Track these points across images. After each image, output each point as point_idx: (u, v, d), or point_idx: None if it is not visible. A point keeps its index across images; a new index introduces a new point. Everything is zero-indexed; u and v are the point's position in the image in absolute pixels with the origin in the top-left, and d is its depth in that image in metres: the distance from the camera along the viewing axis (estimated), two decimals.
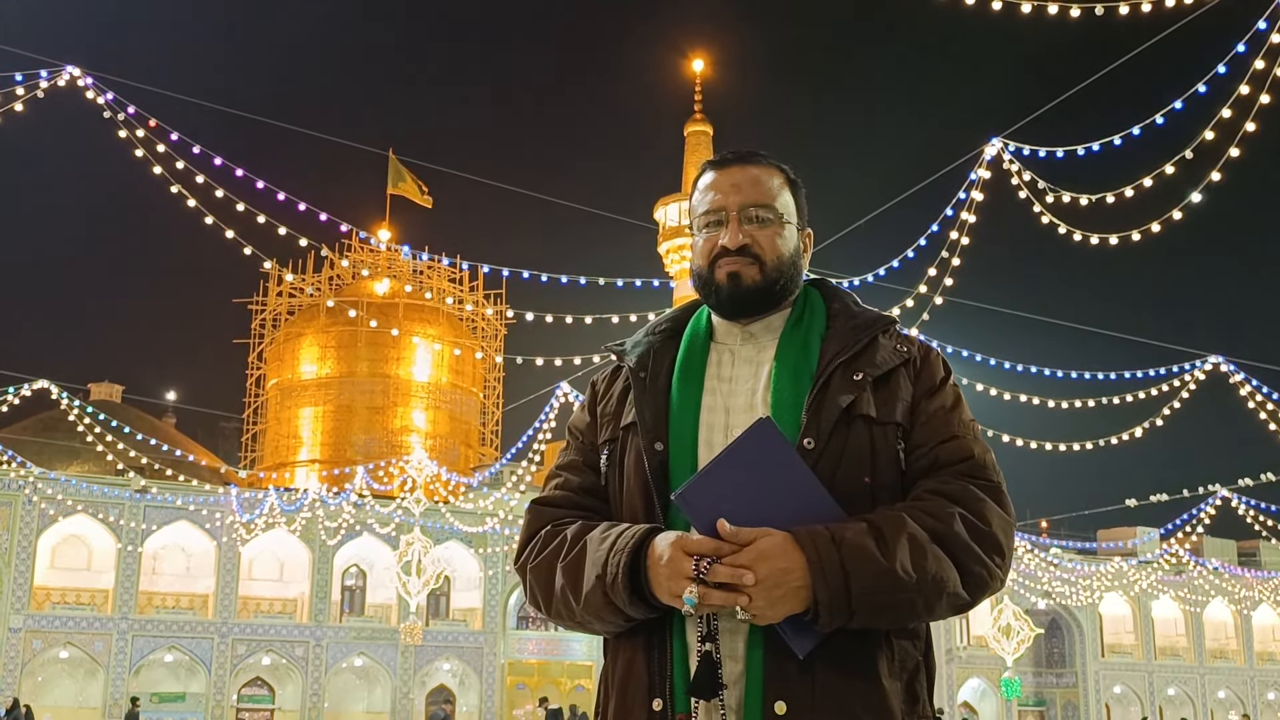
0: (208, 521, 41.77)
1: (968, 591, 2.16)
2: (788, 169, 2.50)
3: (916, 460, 2.29)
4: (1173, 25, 14.68)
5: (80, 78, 16.27)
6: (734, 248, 2.38)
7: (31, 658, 39.02)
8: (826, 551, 2.06)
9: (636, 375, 2.42)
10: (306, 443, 55.78)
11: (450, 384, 57.41)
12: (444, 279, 57.96)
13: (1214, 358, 24.58)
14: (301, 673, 42.30)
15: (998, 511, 2.22)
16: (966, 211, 17.41)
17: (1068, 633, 55.14)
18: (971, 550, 2.15)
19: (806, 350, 2.35)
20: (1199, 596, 55.66)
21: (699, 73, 65.26)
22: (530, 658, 46.34)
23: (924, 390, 2.36)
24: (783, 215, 2.43)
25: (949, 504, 2.18)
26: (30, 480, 39.06)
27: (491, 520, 40.65)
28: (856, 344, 2.34)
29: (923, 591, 2.10)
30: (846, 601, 2.06)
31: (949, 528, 2.15)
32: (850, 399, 2.26)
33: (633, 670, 2.25)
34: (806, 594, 2.06)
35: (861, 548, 2.07)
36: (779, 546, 2.07)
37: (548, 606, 2.33)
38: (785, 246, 2.42)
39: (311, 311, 57.01)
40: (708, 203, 2.44)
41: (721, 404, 2.35)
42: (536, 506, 2.45)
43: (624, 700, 2.25)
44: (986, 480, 2.26)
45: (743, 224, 2.39)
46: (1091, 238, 17.27)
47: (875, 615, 2.10)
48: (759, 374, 2.36)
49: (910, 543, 2.10)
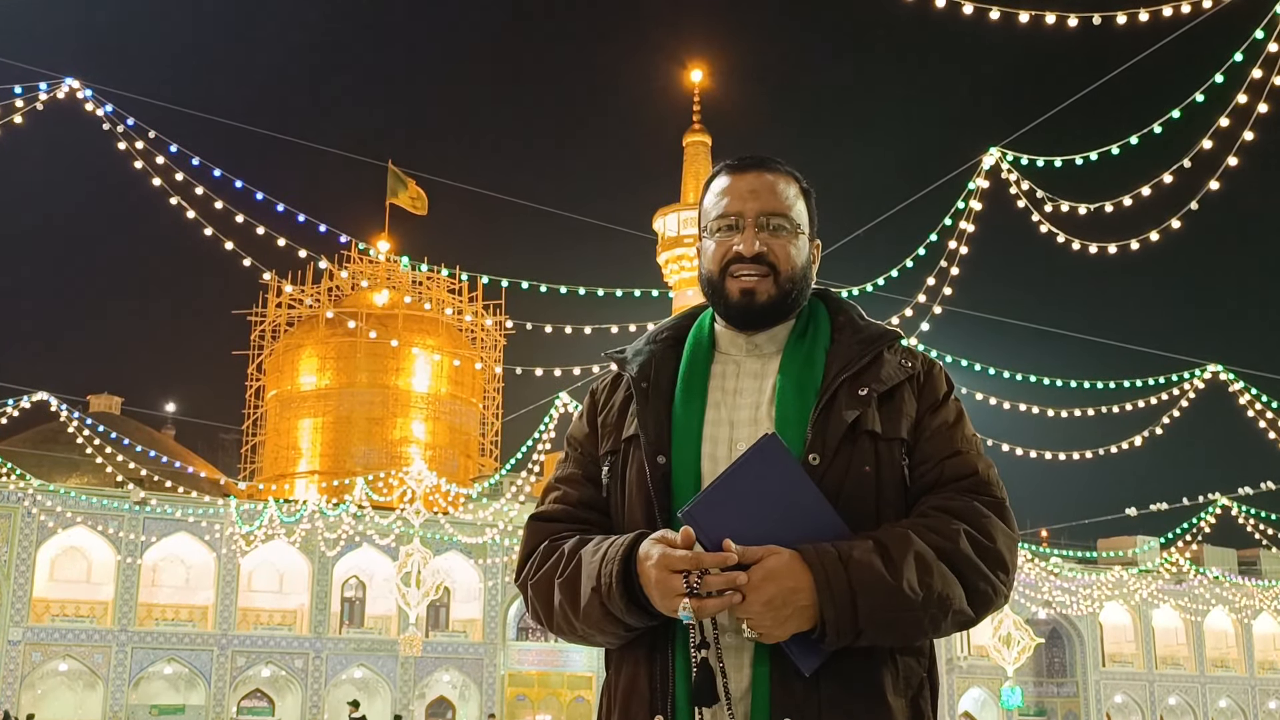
0: (207, 533, 41.70)
1: (973, 608, 2.15)
2: (801, 178, 2.47)
3: (921, 476, 2.27)
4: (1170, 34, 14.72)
5: (80, 90, 16.30)
6: (750, 255, 2.34)
7: (31, 670, 38.94)
8: (834, 571, 2.05)
9: (639, 386, 2.38)
10: (306, 454, 55.74)
11: (449, 395, 57.40)
12: (443, 290, 57.96)
13: (1213, 366, 24.60)
14: (301, 685, 42.21)
15: (1002, 528, 2.21)
16: (965, 221, 17.43)
17: (1068, 642, 55.04)
18: (977, 567, 2.14)
19: (811, 364, 2.33)
20: (1200, 605, 55.58)
21: (698, 83, 65.33)
22: (530, 669, 46.23)
23: (928, 405, 2.34)
24: (798, 225, 2.40)
25: (954, 520, 2.17)
26: (29, 492, 39.03)
27: (491, 531, 40.61)
28: (862, 359, 2.31)
29: (929, 609, 2.09)
30: (853, 620, 2.05)
31: (955, 545, 2.13)
32: (856, 414, 2.24)
33: (635, 684, 2.23)
34: (813, 613, 2.05)
35: (869, 567, 2.06)
36: (786, 566, 2.05)
37: (549, 622, 2.31)
38: (799, 257, 2.39)
39: (311, 323, 57.01)
40: (723, 207, 2.40)
41: (726, 417, 2.31)
42: (534, 522, 2.42)
43: (626, 713, 2.23)
44: (991, 496, 2.25)
45: (758, 232, 2.35)
46: (1090, 246, 17.30)
47: (882, 633, 2.09)
48: (763, 388, 2.34)
49: (917, 561, 2.09)
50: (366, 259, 54.09)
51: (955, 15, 13.66)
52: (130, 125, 16.58)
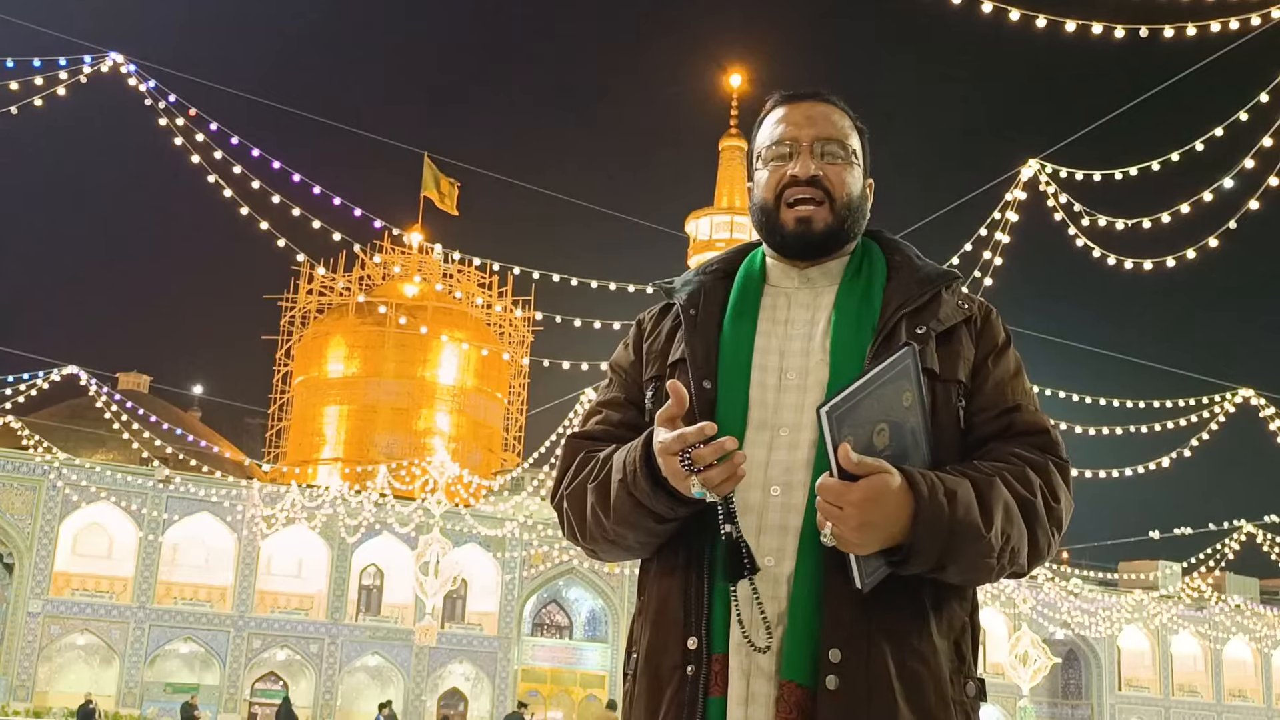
0: (229, 514, 41.92)
1: (1028, 562, 2.18)
2: (855, 115, 2.46)
3: (985, 423, 2.27)
4: (1216, 52, 14.60)
5: (124, 65, 16.40)
6: (805, 177, 2.33)
7: (49, 643, 39.21)
8: (938, 508, 2.02)
9: (687, 312, 2.35)
10: (330, 440, 56.00)
11: (475, 388, 57.54)
12: (473, 283, 58.10)
13: (1244, 390, 24.38)
14: (315, 670, 42.35)
15: (1065, 491, 2.24)
16: (1001, 232, 17.32)
17: (1085, 664, 54.66)
18: (1044, 525, 2.17)
19: (868, 300, 2.31)
20: (1220, 633, 55.08)
21: (736, 88, 65.37)
22: (544, 665, 46.27)
23: (986, 351, 2.33)
24: (854, 153, 2.40)
25: (1034, 475, 2.18)
26: (55, 466, 39.33)
27: (511, 524, 40.65)
28: (921, 297, 2.30)
29: (1002, 557, 2.11)
30: (939, 556, 2.05)
31: (1033, 499, 2.15)
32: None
33: (668, 607, 2.19)
34: (902, 538, 2.03)
35: (969, 510, 2.05)
36: (894, 491, 2.00)
37: (582, 531, 2.29)
38: (854, 186, 2.38)
39: (340, 311, 57.28)
40: (778, 134, 2.39)
41: (776, 346, 2.30)
42: (573, 440, 2.40)
43: (658, 636, 2.19)
44: (1059, 458, 2.26)
45: (814, 157, 2.35)
46: (1126, 262, 17.15)
47: (958, 572, 2.10)
48: (816, 319, 2.32)
49: (1005, 511, 2.10)
50: (399, 249, 54.29)
51: (1001, 25, 13.60)
52: (172, 101, 16.68)
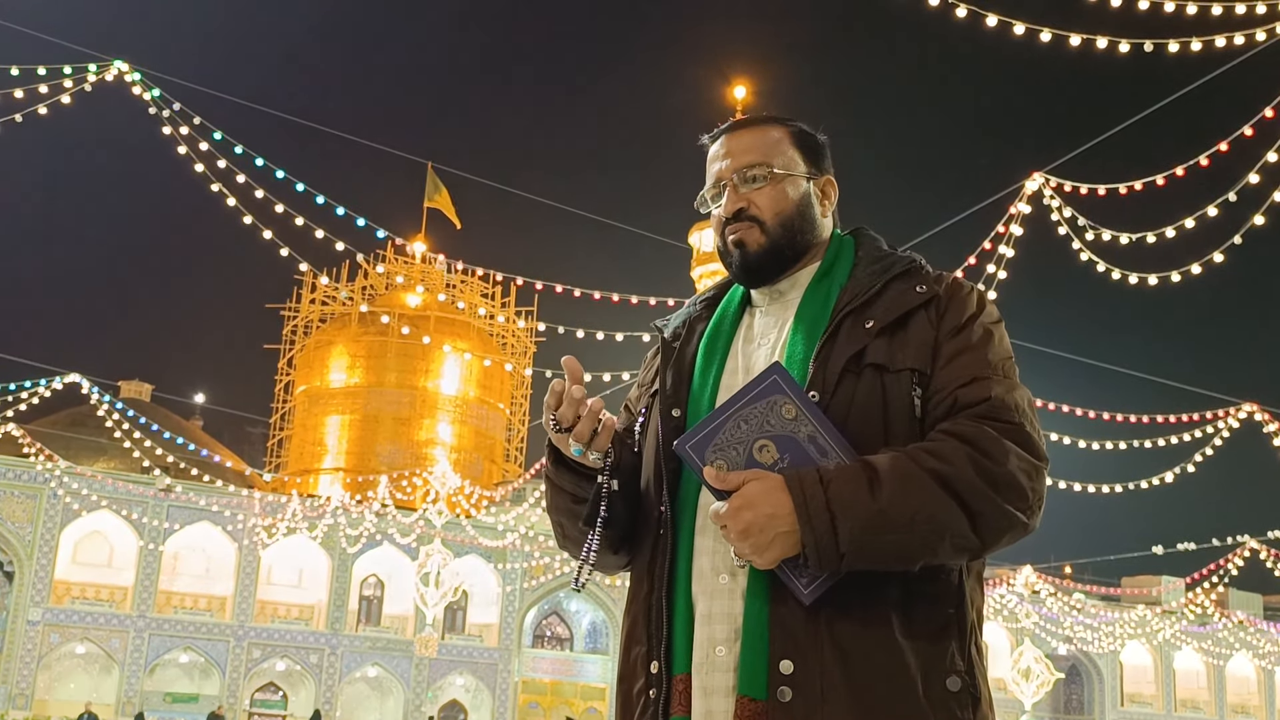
0: (229, 524, 41.87)
1: (979, 535, 2.03)
2: (794, 122, 2.44)
3: (935, 406, 2.16)
4: (1221, 67, 14.56)
5: (128, 73, 16.40)
6: (728, 215, 2.36)
7: (48, 651, 39.13)
8: (813, 493, 1.99)
9: (668, 344, 2.43)
10: (331, 450, 55.96)
11: (477, 399, 57.52)
12: (476, 293, 58.12)
13: (1248, 405, 24.32)
14: (315, 680, 42.27)
15: (1015, 450, 2.06)
16: (1005, 245, 17.29)
17: (1087, 680, 54.52)
18: (979, 490, 2.01)
19: (826, 302, 2.28)
20: (1223, 649, 54.93)
21: (741, 100, 65.37)
22: (544, 677, 46.16)
23: (948, 330, 2.21)
24: (784, 169, 2.37)
25: (958, 443, 2.05)
26: (56, 474, 39.30)
27: (512, 536, 40.60)
28: (869, 290, 2.25)
29: (915, 532, 1.99)
30: (834, 544, 1.97)
31: (953, 467, 2.02)
32: (857, 348, 2.17)
33: (634, 633, 2.26)
34: (797, 538, 1.99)
35: (851, 488, 1.99)
36: (766, 491, 2.01)
37: (558, 537, 2.43)
38: (785, 201, 2.35)
39: (342, 320, 57.31)
40: (711, 175, 2.42)
41: (742, 366, 2.32)
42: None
43: (627, 661, 2.27)
44: (1006, 421, 2.10)
45: (739, 188, 2.36)
46: (1130, 277, 17.12)
47: (867, 557, 2.00)
48: (781, 332, 2.32)
49: (904, 482, 2.00)
50: (401, 259, 54.29)
51: (1004, 38, 13.58)
52: (175, 110, 16.66)
